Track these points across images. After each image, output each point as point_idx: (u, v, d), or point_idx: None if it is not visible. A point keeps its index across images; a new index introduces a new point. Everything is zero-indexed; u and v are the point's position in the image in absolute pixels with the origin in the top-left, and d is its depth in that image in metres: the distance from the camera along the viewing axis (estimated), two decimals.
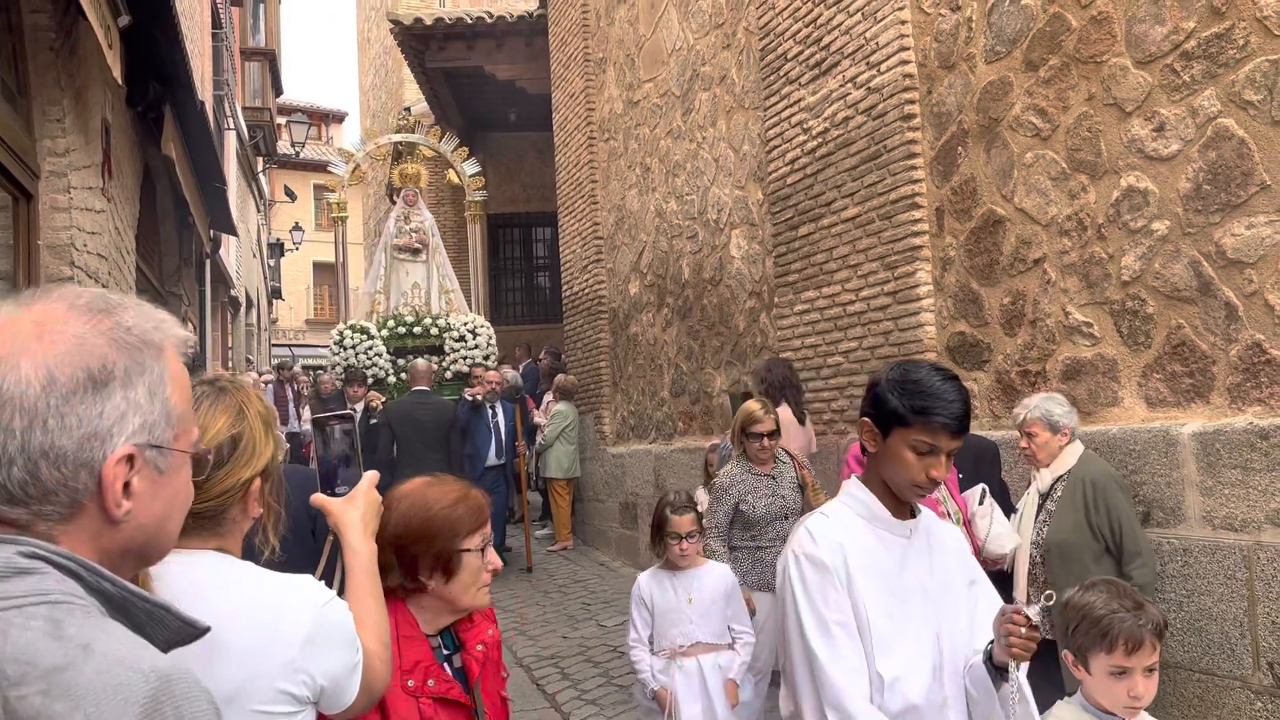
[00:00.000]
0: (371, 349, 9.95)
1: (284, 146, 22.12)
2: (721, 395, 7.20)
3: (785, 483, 4.46)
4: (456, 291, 11.02)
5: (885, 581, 1.89)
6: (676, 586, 3.73)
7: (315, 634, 1.38)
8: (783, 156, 6.15)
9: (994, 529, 3.82)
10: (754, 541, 4.41)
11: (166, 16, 5.88)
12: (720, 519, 4.39)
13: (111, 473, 0.92)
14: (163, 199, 9.78)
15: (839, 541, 1.89)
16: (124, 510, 0.94)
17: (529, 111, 13.51)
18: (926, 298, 5.01)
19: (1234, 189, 3.49)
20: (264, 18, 19.26)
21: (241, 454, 1.41)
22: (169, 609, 0.94)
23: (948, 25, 4.88)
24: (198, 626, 0.97)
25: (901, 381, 1.88)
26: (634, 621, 3.79)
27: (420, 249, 10.89)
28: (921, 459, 1.85)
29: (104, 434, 0.92)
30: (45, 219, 4.86)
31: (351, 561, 1.66)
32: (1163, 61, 3.75)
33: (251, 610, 1.36)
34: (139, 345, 0.96)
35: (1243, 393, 3.49)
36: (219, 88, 13.03)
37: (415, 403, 8.19)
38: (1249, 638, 3.38)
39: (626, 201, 8.95)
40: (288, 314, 32.01)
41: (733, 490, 4.39)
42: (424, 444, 7.64)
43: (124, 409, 0.93)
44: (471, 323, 10.42)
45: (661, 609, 3.72)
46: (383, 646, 1.59)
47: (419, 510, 1.85)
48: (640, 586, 3.82)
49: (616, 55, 9.16)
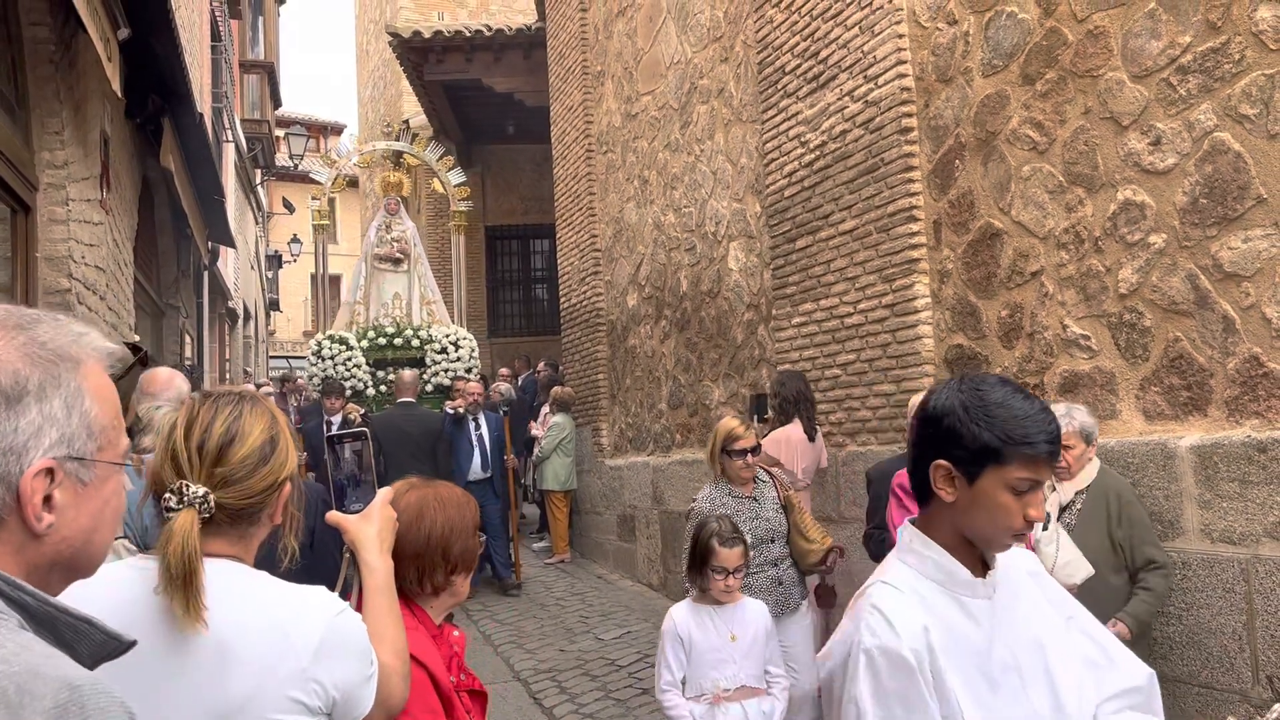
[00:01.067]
0: (350, 360, 9.81)
1: (282, 159, 22.15)
2: (720, 407, 7.19)
3: (768, 504, 4.19)
4: (439, 303, 10.93)
5: (977, 663, 1.52)
6: (718, 623, 3.38)
7: (327, 643, 1.39)
8: (780, 169, 6.16)
9: (1061, 556, 3.40)
10: None
11: (166, 29, 5.90)
12: None
13: (29, 486, 0.93)
14: (161, 211, 9.79)
15: (922, 625, 1.49)
16: (45, 523, 0.95)
17: (527, 124, 13.55)
18: (924, 310, 5.02)
19: (1230, 202, 3.50)
20: (263, 30, 19.32)
21: (278, 455, 1.46)
22: (93, 622, 0.95)
23: (945, 39, 4.90)
24: (123, 640, 0.97)
25: (982, 407, 1.51)
26: (667, 661, 3.38)
27: (401, 259, 10.77)
28: (1020, 498, 1.50)
29: (19, 449, 0.93)
30: (43, 231, 4.86)
31: (368, 579, 1.67)
32: (1159, 75, 3.77)
33: (263, 619, 1.38)
34: (53, 359, 0.97)
35: (1240, 406, 3.49)
36: (218, 100, 13.05)
37: (401, 414, 8.08)
38: (1248, 651, 3.38)
39: (624, 214, 8.97)
40: (285, 326, 32.01)
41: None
42: (410, 456, 7.48)
43: (39, 423, 0.95)
44: (453, 334, 10.31)
45: (701, 648, 3.36)
46: (401, 662, 1.60)
47: (442, 519, 1.92)
48: (675, 621, 3.41)
49: (615, 68, 9.18)
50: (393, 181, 11.14)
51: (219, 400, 1.47)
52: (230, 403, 1.47)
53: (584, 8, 9.87)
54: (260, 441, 1.44)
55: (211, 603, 1.33)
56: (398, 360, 9.99)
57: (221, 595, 1.35)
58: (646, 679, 5.83)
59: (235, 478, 1.40)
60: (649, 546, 8.27)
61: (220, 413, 1.44)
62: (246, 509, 1.42)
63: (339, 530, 1.73)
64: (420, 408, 8.41)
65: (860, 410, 5.41)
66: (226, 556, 1.42)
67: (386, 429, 7.74)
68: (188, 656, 1.33)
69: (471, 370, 10.12)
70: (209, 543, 1.39)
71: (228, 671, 1.33)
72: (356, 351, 9.87)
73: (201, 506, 1.36)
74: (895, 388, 5.17)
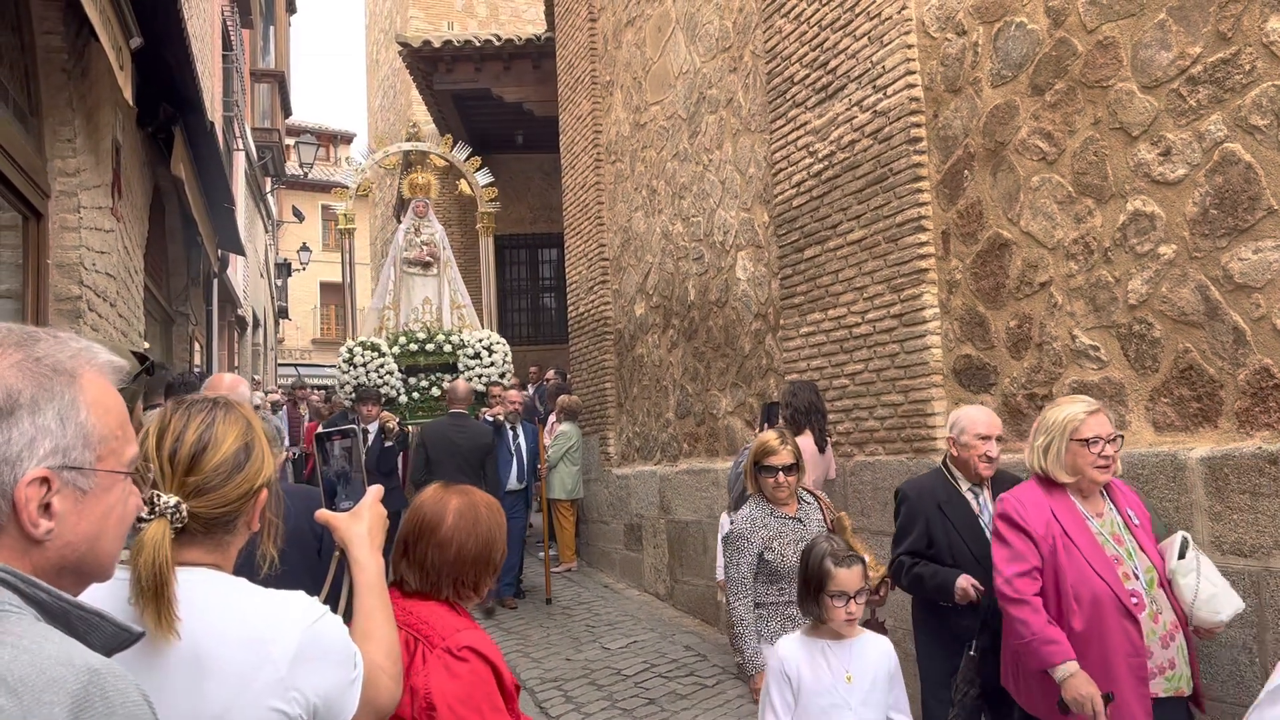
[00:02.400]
0: (383, 367, 9.50)
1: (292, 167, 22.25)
2: (727, 417, 7.19)
3: (814, 525, 3.80)
4: (469, 307, 10.55)
5: None
6: (832, 660, 2.94)
7: (304, 651, 1.37)
8: (789, 179, 6.16)
9: (1202, 588, 2.92)
10: (782, 595, 3.67)
11: (178, 39, 5.94)
12: (744, 571, 3.68)
13: (24, 494, 0.98)
14: (171, 219, 9.84)
15: None
16: (43, 530, 0.99)
17: (536, 133, 13.58)
18: (932, 320, 5.01)
19: (1241, 213, 3.49)
20: (274, 40, 19.44)
21: (253, 463, 1.45)
22: (104, 615, 1.00)
23: (954, 50, 4.90)
24: (133, 631, 1.03)
25: None
26: (771, 702, 2.95)
27: (431, 262, 10.42)
28: None
29: (13, 459, 0.97)
30: (55, 238, 4.89)
31: (359, 576, 1.66)
32: (1169, 86, 3.76)
33: (240, 628, 1.36)
34: (48, 373, 1.02)
35: (1251, 417, 3.47)
36: (228, 109, 13.13)
37: (452, 425, 7.75)
38: (1258, 664, 3.35)
39: (633, 223, 8.98)
40: (294, 334, 32.10)
41: (755, 537, 3.71)
42: (457, 468, 7.17)
43: (32, 434, 0.99)
44: (487, 339, 9.95)
45: (811, 688, 2.90)
46: (391, 662, 1.58)
47: (495, 524, 1.98)
48: (783, 656, 2.98)
49: (624, 78, 9.21)
50: (420, 183, 10.74)
51: (191, 408, 1.46)
52: (203, 410, 1.46)
53: (593, 18, 9.90)
54: (234, 449, 1.43)
55: (188, 612, 1.32)
56: (430, 367, 9.69)
57: (198, 604, 1.34)
58: (653, 689, 5.82)
59: (208, 486, 1.39)
60: (656, 556, 8.25)
61: (192, 421, 1.43)
62: (221, 517, 1.41)
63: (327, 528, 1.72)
64: (471, 420, 8.11)
65: (868, 420, 5.40)
66: (204, 565, 1.41)
67: (436, 439, 7.55)
68: (165, 667, 1.31)
69: (505, 376, 9.84)
70: (185, 552, 1.38)
71: (205, 681, 1.31)
72: (389, 358, 9.55)
73: (173, 516, 1.35)
74: (903, 398, 5.16)
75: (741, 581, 3.67)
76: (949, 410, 4.92)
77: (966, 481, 3.76)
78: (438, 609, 1.92)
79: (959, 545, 3.63)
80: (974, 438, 3.68)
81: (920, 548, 3.71)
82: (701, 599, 7.37)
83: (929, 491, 3.77)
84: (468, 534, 1.87)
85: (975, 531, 3.65)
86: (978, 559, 3.52)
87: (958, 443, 3.73)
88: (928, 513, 3.71)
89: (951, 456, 3.79)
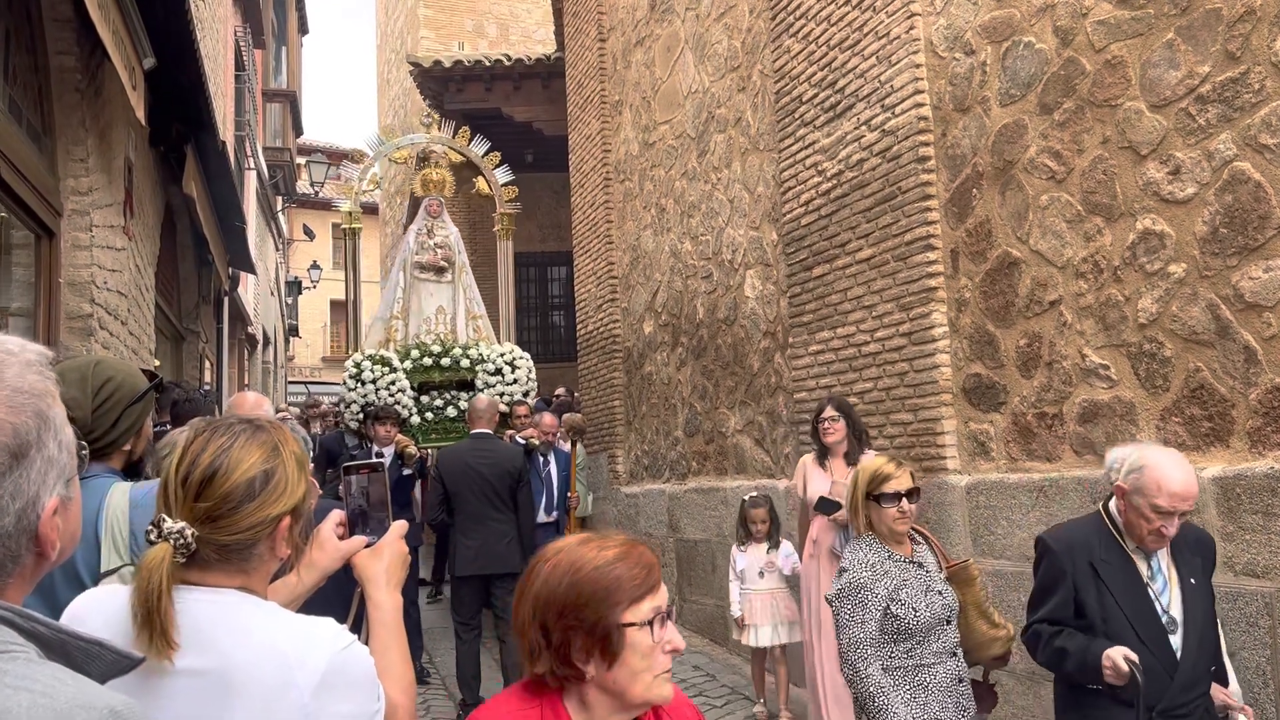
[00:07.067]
0: (394, 383, 8.43)
1: (303, 186, 22.39)
2: (736, 435, 7.17)
3: (932, 570, 3.13)
4: (485, 318, 9.49)
5: None
6: None
7: (330, 678, 1.35)
8: (797, 198, 6.17)
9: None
10: (911, 658, 2.98)
11: (190, 59, 5.99)
12: (872, 630, 2.96)
13: (48, 527, 0.98)
14: (183, 237, 9.90)
15: None
16: (58, 550, 1.00)
17: (545, 153, 13.64)
18: (942, 339, 5.00)
19: (1251, 232, 3.48)
20: (286, 60, 19.60)
21: (273, 490, 1.41)
22: (103, 644, 0.99)
23: (962, 69, 4.91)
24: (133, 658, 1.02)
25: None
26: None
27: (445, 267, 9.28)
28: None
29: (34, 498, 0.97)
30: (67, 256, 4.92)
31: (374, 614, 1.64)
32: (1178, 105, 3.76)
33: (267, 652, 1.34)
34: (36, 396, 0.99)
35: (1263, 437, 3.45)
36: (240, 128, 13.23)
37: (472, 449, 6.26)
38: (1272, 686, 3.32)
39: (641, 241, 9.00)
40: (304, 352, 32.17)
41: (878, 587, 2.98)
42: (483, 502, 6.06)
43: (44, 469, 0.98)
44: (508, 353, 8.86)
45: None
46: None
47: (566, 572, 1.51)
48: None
49: (633, 97, 9.25)
50: (435, 180, 9.58)
51: (215, 431, 1.43)
52: (224, 434, 1.42)
53: (602, 38, 9.96)
54: (249, 476, 1.38)
55: (214, 634, 1.31)
56: (445, 384, 8.66)
57: (224, 626, 1.33)
58: None
59: (218, 514, 1.36)
60: (664, 574, 8.20)
61: (210, 445, 1.40)
62: (234, 544, 1.38)
63: None
64: (497, 441, 6.61)
65: (877, 439, 5.38)
66: (231, 587, 1.39)
67: (454, 467, 6.16)
68: (190, 689, 1.31)
69: (529, 394, 8.85)
70: (206, 575, 1.36)
71: (228, 705, 1.30)
72: (400, 374, 8.47)
73: (177, 542, 1.33)
74: (913, 416, 5.14)
75: (868, 642, 2.94)
76: (958, 430, 4.91)
77: (1133, 540, 2.79)
78: None
79: (1116, 618, 2.72)
80: (1164, 501, 2.63)
81: (1064, 615, 2.81)
82: (710, 618, 7.33)
83: (1082, 546, 2.82)
84: (531, 584, 1.61)
85: (1141, 602, 2.73)
86: (1143, 640, 2.67)
87: (1133, 494, 2.70)
88: (1077, 573, 2.79)
89: (1120, 507, 2.80)
